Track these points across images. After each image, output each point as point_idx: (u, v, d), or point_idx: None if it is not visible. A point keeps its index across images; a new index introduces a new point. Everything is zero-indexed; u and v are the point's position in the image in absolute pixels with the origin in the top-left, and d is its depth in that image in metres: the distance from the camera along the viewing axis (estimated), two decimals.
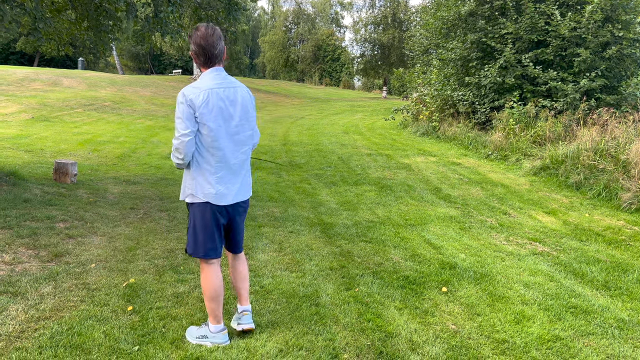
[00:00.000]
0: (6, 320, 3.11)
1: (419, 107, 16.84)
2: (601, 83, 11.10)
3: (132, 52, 55.78)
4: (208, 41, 2.82)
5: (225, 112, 2.84)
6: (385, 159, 10.94)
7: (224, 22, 9.18)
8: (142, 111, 20.15)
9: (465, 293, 3.98)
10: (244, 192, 3.03)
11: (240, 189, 2.99)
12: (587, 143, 8.63)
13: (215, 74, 2.87)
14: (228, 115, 2.86)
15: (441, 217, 6.36)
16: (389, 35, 37.71)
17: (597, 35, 11.14)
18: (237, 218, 3.06)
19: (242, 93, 2.94)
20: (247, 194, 3.07)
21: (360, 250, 4.95)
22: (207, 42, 2.82)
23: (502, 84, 12.42)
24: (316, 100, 32.69)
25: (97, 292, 3.63)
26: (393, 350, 3.05)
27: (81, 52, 40.26)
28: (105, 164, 9.52)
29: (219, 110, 2.81)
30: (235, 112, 2.89)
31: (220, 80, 2.86)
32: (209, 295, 2.99)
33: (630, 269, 4.71)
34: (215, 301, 2.99)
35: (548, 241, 5.55)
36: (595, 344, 3.27)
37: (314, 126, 17.96)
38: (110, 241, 4.85)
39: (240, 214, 3.07)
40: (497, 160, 10.71)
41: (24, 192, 6.36)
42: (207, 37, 2.82)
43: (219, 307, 3.02)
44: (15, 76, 23.49)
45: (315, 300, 3.69)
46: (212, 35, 2.83)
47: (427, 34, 17.78)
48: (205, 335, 3.02)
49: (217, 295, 2.99)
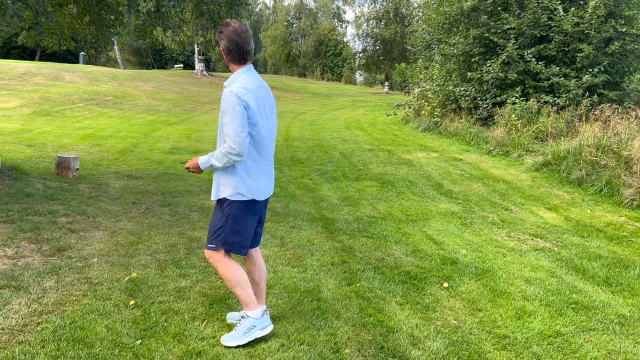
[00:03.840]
0: (9, 314, 3.13)
1: (420, 102, 16.81)
2: (604, 79, 11.08)
3: (134, 47, 55.69)
4: (242, 37, 2.80)
5: (263, 111, 2.88)
6: (387, 154, 10.94)
7: (225, 16, 9.15)
8: (144, 106, 20.15)
9: (467, 288, 3.98)
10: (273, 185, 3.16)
11: (272, 182, 3.11)
12: (589, 139, 8.61)
13: (253, 72, 2.90)
14: (266, 114, 2.91)
15: (442, 213, 6.36)
16: (391, 30, 37.60)
17: (600, 30, 11.10)
18: (264, 211, 3.16)
19: (270, 92, 3.02)
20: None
21: (362, 245, 4.95)
22: (241, 38, 2.80)
23: (504, 79, 12.39)
24: (318, 96, 32.64)
25: (99, 287, 3.64)
26: (394, 345, 3.06)
27: (83, 46, 40.16)
28: (107, 158, 9.52)
29: (262, 110, 2.86)
30: (272, 111, 2.98)
31: (258, 80, 2.89)
32: (243, 281, 2.97)
33: (631, 265, 4.71)
34: (248, 285, 3.01)
35: (549, 237, 5.55)
36: (596, 339, 3.27)
37: (316, 121, 17.95)
38: (112, 236, 4.86)
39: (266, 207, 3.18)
40: (499, 156, 10.70)
41: (26, 186, 6.37)
42: (242, 33, 2.80)
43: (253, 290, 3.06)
44: (17, 70, 23.49)
45: (317, 295, 3.70)
46: (245, 32, 2.81)
47: (429, 29, 17.73)
48: (253, 325, 2.97)
49: (247, 279, 3.02)
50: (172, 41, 38.16)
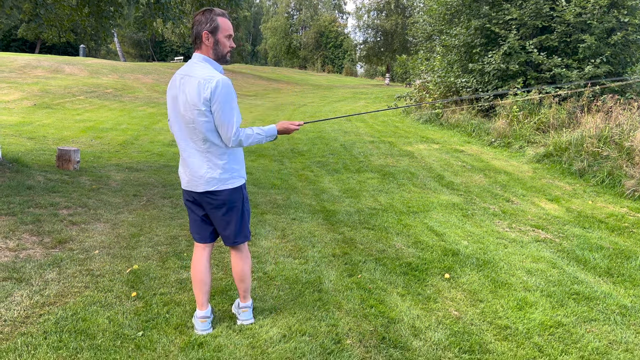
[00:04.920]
0: (11, 306, 3.13)
1: (422, 94, 16.75)
2: (606, 69, 11.02)
3: (134, 39, 55.53)
4: (192, 23, 2.79)
5: (175, 99, 2.81)
6: (388, 146, 10.92)
7: (225, 8, 9.10)
8: (144, 98, 20.10)
9: (468, 280, 3.98)
10: (199, 184, 2.84)
11: (192, 178, 2.86)
12: (591, 130, 8.58)
13: (190, 60, 2.84)
14: (175, 104, 2.83)
15: (444, 205, 6.35)
16: (392, 22, 37.44)
17: (603, 21, 11.03)
18: (207, 208, 2.92)
19: (190, 84, 2.70)
20: (203, 186, 2.82)
21: (363, 237, 4.95)
22: (192, 24, 2.80)
23: (505, 70, 12.34)
24: (318, 88, 32.55)
25: (101, 278, 3.65)
26: (396, 335, 3.06)
27: (82, 38, 40.05)
28: (108, 151, 9.51)
29: (170, 95, 2.83)
30: (180, 103, 2.75)
31: (186, 68, 2.79)
32: (192, 278, 3.06)
33: (633, 256, 4.71)
34: (194, 285, 3.02)
35: (551, 228, 5.54)
36: (597, 330, 3.28)
37: (317, 113, 17.90)
38: (113, 228, 4.86)
39: (210, 204, 2.89)
40: (500, 148, 10.68)
41: (27, 179, 6.37)
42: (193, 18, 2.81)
43: (198, 293, 3.01)
44: (17, 63, 23.42)
45: (318, 286, 3.71)
46: (194, 17, 2.78)
47: (430, 20, 17.64)
48: (194, 317, 3.07)
49: (195, 281, 3.01)
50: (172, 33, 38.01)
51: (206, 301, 3.02)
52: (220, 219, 2.91)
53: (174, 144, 10.58)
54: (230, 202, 2.87)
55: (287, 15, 58.71)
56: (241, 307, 3.12)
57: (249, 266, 3.08)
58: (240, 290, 3.10)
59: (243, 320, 3.10)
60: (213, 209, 2.89)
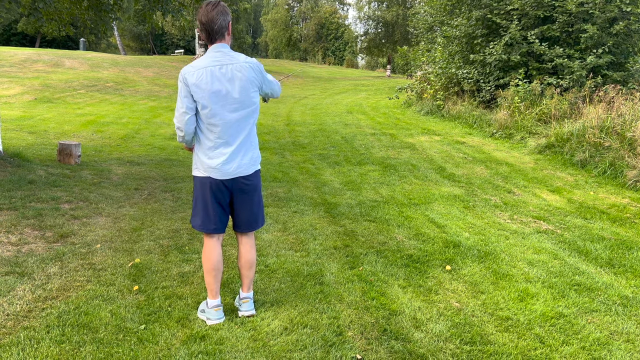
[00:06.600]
0: (14, 300, 3.15)
1: (423, 85, 16.69)
2: (608, 60, 10.95)
3: (134, 33, 55.33)
4: (208, 17, 2.76)
5: (222, 89, 2.78)
6: (389, 138, 10.90)
7: (225, 0, 9.06)
8: (145, 92, 20.07)
9: (469, 271, 3.99)
10: (246, 167, 2.94)
11: (241, 163, 2.91)
12: (593, 120, 8.55)
13: (214, 52, 2.82)
14: (225, 93, 2.79)
15: (445, 196, 6.35)
16: (392, 13, 37.24)
17: (605, 10, 10.95)
18: (239, 194, 2.97)
19: (240, 69, 2.82)
20: (248, 169, 2.95)
21: (364, 229, 4.96)
22: (207, 18, 2.76)
23: (507, 61, 12.27)
24: (319, 80, 32.46)
25: (103, 272, 3.66)
26: (397, 327, 3.07)
27: (82, 32, 39.98)
28: (109, 145, 9.52)
29: (209, 88, 2.76)
30: (234, 89, 2.80)
31: (219, 58, 2.80)
32: (204, 268, 3.05)
33: (634, 247, 4.70)
34: (209, 275, 3.02)
35: (552, 219, 5.54)
36: (598, 320, 3.28)
37: (318, 106, 17.86)
38: (115, 222, 4.87)
39: (242, 190, 2.97)
40: (502, 139, 10.65)
41: (29, 173, 6.38)
42: (207, 12, 2.76)
43: (213, 282, 3.03)
44: (17, 57, 23.38)
45: (320, 279, 3.71)
46: (211, 10, 2.76)
47: (431, 11, 17.54)
48: (203, 310, 3.09)
49: (211, 270, 3.01)
50: (172, 26, 37.88)
51: (219, 290, 3.08)
52: (250, 203, 3.02)
53: (174, 138, 10.57)
54: (259, 183, 3.05)
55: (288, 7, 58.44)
56: (242, 297, 3.13)
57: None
58: (247, 280, 3.12)
59: (245, 312, 3.11)
60: (243, 194, 2.98)
